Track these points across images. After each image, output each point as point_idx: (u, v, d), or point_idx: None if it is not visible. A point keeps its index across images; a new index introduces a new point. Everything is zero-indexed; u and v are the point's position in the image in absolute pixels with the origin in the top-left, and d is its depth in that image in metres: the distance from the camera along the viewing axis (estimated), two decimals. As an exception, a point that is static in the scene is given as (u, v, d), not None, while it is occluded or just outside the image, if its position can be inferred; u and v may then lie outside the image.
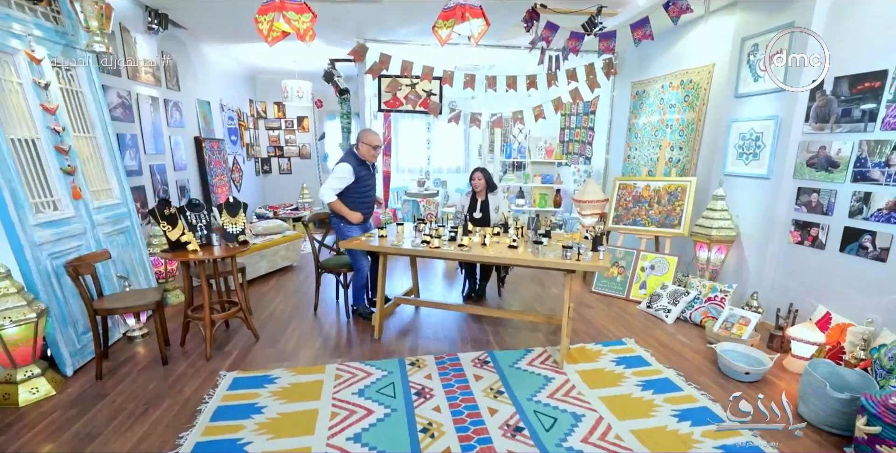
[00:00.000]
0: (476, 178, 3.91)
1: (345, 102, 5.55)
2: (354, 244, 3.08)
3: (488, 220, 3.89)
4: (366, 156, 3.36)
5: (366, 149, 3.34)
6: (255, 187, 7.50)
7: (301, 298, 4.10)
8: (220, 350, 3.04)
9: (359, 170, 3.32)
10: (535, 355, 2.97)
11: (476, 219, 3.94)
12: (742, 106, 3.58)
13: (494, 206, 3.92)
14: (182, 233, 2.85)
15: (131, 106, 3.89)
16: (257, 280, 4.59)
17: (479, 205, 3.96)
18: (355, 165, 3.31)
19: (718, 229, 3.54)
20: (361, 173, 3.34)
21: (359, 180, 3.34)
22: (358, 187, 3.36)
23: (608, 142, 5.85)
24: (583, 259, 2.61)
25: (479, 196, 3.96)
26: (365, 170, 3.39)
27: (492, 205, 3.93)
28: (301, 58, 6.30)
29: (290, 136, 8.02)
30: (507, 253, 2.78)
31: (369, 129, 3.50)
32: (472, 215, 3.96)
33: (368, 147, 3.33)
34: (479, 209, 3.96)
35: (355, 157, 3.35)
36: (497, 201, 3.94)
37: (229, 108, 6.35)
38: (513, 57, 5.75)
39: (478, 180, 3.90)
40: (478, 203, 3.97)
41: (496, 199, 3.94)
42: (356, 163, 3.32)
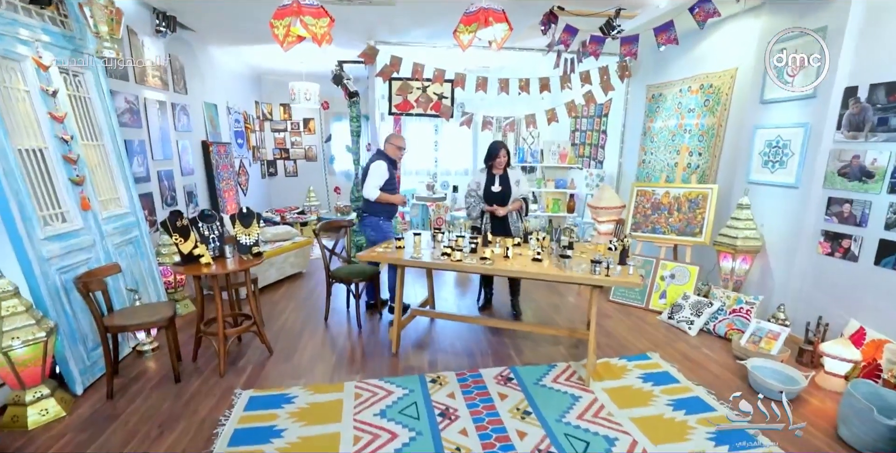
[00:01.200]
0: (502, 155, 3.59)
1: (354, 105, 5.45)
2: (372, 255, 2.98)
3: (509, 194, 3.63)
4: (394, 155, 3.70)
5: (392, 149, 3.69)
6: (261, 190, 7.41)
7: (312, 307, 4.01)
8: (234, 365, 2.95)
9: (390, 168, 3.65)
10: (559, 371, 2.88)
11: (495, 194, 3.65)
12: (768, 112, 3.48)
13: (515, 180, 3.65)
14: (195, 245, 2.75)
15: (139, 111, 3.79)
16: (267, 288, 4.50)
17: (497, 179, 3.66)
18: (388, 163, 3.64)
19: (744, 239, 3.44)
20: (391, 169, 3.67)
21: (390, 177, 3.65)
22: (388, 183, 3.66)
23: (622, 146, 5.75)
24: (611, 273, 2.52)
25: (496, 171, 3.67)
26: (394, 168, 3.72)
27: (512, 178, 3.65)
28: (308, 59, 6.20)
29: (297, 138, 7.92)
30: (532, 267, 2.69)
31: (397, 134, 3.88)
32: (491, 190, 3.67)
33: (394, 147, 3.69)
34: (499, 182, 3.65)
35: (385, 156, 3.68)
36: (517, 175, 3.68)
37: (236, 110, 6.24)
38: (524, 59, 5.65)
39: (503, 157, 3.59)
40: (496, 178, 3.67)
41: (515, 173, 3.69)
42: (388, 161, 3.65)
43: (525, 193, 3.69)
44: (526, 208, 3.71)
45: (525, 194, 3.68)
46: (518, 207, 3.67)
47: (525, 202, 3.68)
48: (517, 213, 3.72)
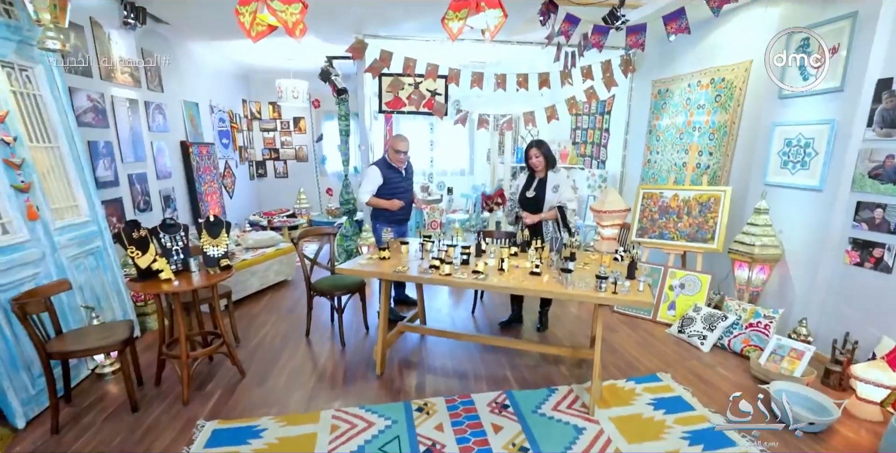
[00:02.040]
0: (533, 156, 3.21)
1: (343, 103, 5.16)
2: (350, 269, 2.68)
3: (542, 201, 3.26)
4: (393, 160, 3.49)
5: (391, 154, 3.48)
6: (249, 192, 7.12)
7: (295, 321, 3.72)
8: (201, 390, 2.67)
9: (386, 172, 3.47)
10: (559, 396, 2.60)
11: (528, 200, 3.31)
12: (788, 108, 3.18)
13: (553, 185, 3.24)
14: (154, 259, 2.47)
15: (105, 110, 3.51)
16: (247, 299, 4.21)
17: (535, 183, 3.30)
18: (383, 167, 3.48)
19: (762, 247, 3.15)
20: (390, 175, 3.48)
21: (387, 182, 3.47)
22: (386, 188, 3.49)
23: (625, 145, 5.46)
24: (619, 290, 2.23)
25: (537, 174, 3.32)
26: (394, 173, 3.52)
27: (549, 183, 3.25)
28: (296, 56, 5.91)
29: (287, 138, 7.63)
30: (529, 282, 2.40)
31: (399, 135, 3.59)
32: (525, 195, 3.33)
33: (392, 150, 3.47)
34: (535, 187, 3.29)
35: (384, 161, 3.53)
36: (558, 180, 3.25)
37: (220, 109, 5.96)
38: (522, 54, 5.35)
39: (535, 159, 3.21)
40: (534, 181, 3.32)
41: (557, 178, 3.27)
42: (384, 165, 3.49)
43: (564, 201, 3.22)
44: (563, 218, 3.21)
45: (563, 202, 3.22)
46: (553, 216, 3.23)
47: (561, 211, 3.21)
48: (554, 224, 3.26)
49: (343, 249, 5.42)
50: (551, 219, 3.28)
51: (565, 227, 3.28)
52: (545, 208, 3.28)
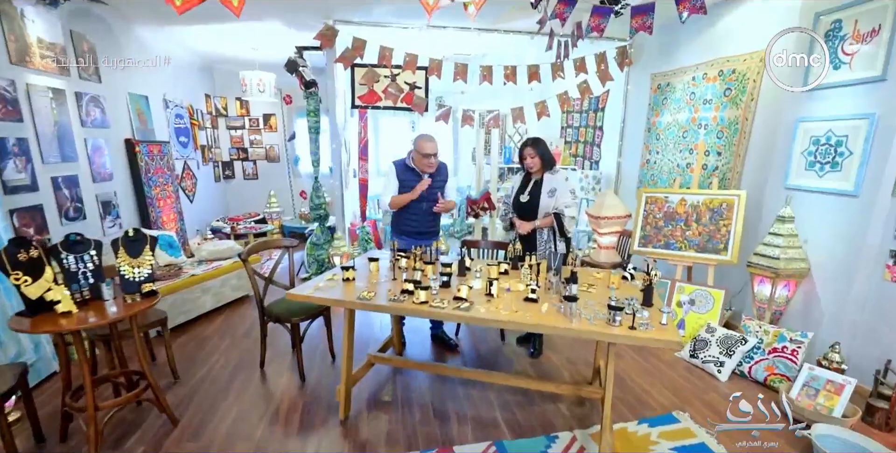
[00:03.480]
0: (528, 156, 2.83)
1: (312, 97, 4.65)
2: (304, 296, 2.17)
3: (536, 207, 2.85)
4: (420, 164, 2.90)
5: (417, 158, 2.89)
6: (214, 196, 6.53)
7: (251, 345, 3.20)
8: (120, 446, 2.14)
9: (402, 173, 2.94)
10: (561, 446, 2.15)
11: (521, 204, 2.92)
12: (815, 101, 2.79)
13: (549, 189, 2.82)
14: (49, 287, 1.94)
15: (17, 100, 2.94)
16: (199, 320, 3.67)
17: (530, 186, 2.92)
18: (400, 168, 2.95)
19: (787, 260, 2.75)
20: (405, 177, 2.94)
21: (402, 184, 2.94)
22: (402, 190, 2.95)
23: (621, 144, 5.06)
24: (638, 324, 1.79)
25: (533, 176, 2.93)
26: (412, 175, 2.94)
27: (546, 186, 2.83)
28: (262, 45, 5.37)
29: (256, 137, 7.06)
30: (525, 311, 1.94)
31: (424, 135, 2.92)
32: (519, 199, 2.94)
33: (418, 154, 2.87)
34: (530, 190, 2.90)
35: (403, 162, 2.97)
36: (555, 183, 2.83)
37: (177, 104, 5.38)
38: (510, 44, 4.90)
39: (530, 159, 2.83)
40: (530, 183, 2.93)
41: (554, 180, 2.85)
42: (402, 167, 2.96)
43: (561, 207, 2.79)
44: (560, 227, 2.82)
45: (560, 208, 2.79)
46: (548, 224, 2.84)
47: (558, 219, 2.81)
48: (550, 233, 2.87)
49: (314, 259, 4.90)
50: (546, 227, 2.86)
51: (562, 237, 2.85)
52: (540, 214, 2.85)
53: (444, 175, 3.04)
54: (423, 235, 3.01)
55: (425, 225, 3.02)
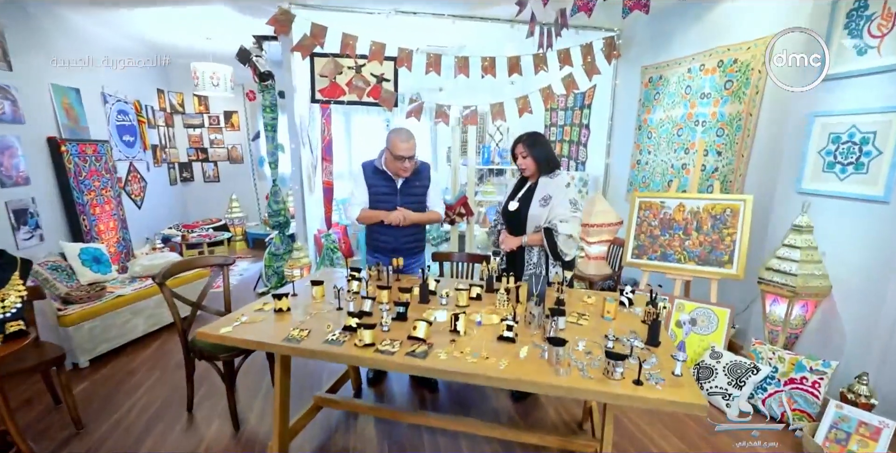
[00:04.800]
0: (519, 155, 2.31)
1: (268, 90, 4.17)
2: (217, 337, 1.70)
3: (525, 217, 2.31)
4: (389, 167, 2.38)
5: (388, 159, 2.36)
6: (169, 200, 5.95)
7: (182, 381, 2.70)
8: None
9: (371, 176, 2.43)
10: (547, 520, 1.72)
11: (509, 214, 2.39)
12: (834, 93, 2.42)
13: (542, 196, 2.27)
14: None
15: None
16: (126, 349, 3.15)
17: (522, 191, 2.39)
18: (369, 170, 2.44)
19: (807, 277, 2.37)
20: (374, 181, 2.43)
21: (371, 191, 2.44)
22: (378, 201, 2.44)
23: (609, 144, 4.68)
24: (647, 377, 1.36)
25: (529, 178, 2.40)
26: (382, 179, 2.42)
27: (538, 193, 2.29)
28: (216, 34, 4.86)
29: (217, 136, 6.51)
30: (500, 358, 1.50)
31: (401, 131, 2.36)
32: (508, 207, 2.41)
33: (390, 155, 2.33)
34: (520, 197, 2.37)
35: (372, 164, 2.45)
36: (550, 189, 2.27)
37: (120, 99, 4.82)
38: (489, 34, 4.48)
39: (522, 159, 2.30)
40: (523, 187, 2.41)
41: (550, 185, 2.28)
42: (370, 167, 2.44)
43: (554, 221, 2.23)
44: (551, 246, 2.25)
45: (553, 222, 2.23)
46: (538, 242, 2.29)
47: (549, 235, 2.24)
48: (540, 253, 2.34)
49: (273, 271, 4.41)
50: (537, 246, 2.32)
51: (556, 260, 2.30)
52: (530, 228, 2.32)
53: (424, 179, 2.50)
54: (399, 253, 2.48)
55: (401, 240, 2.50)
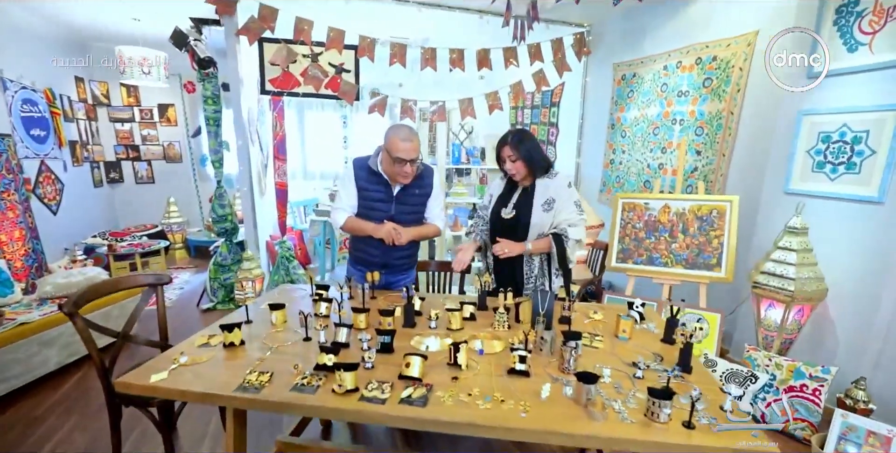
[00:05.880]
0: (507, 159, 1.96)
1: (209, 80, 3.67)
2: (144, 387, 1.30)
3: (526, 226, 1.99)
4: (386, 170, 2.00)
5: (385, 160, 1.97)
6: (93, 205, 5.22)
7: (107, 427, 2.22)
8: None
9: (364, 178, 2.04)
10: None
11: (504, 223, 2.05)
12: (823, 91, 2.35)
13: (544, 200, 1.97)
14: None
15: None
16: (35, 388, 2.60)
17: (516, 195, 2.06)
18: (361, 170, 2.05)
19: (804, 281, 2.28)
20: (367, 184, 2.05)
21: (362, 194, 2.06)
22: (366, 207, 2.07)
23: (580, 143, 4.57)
24: (698, 419, 1.14)
25: (521, 182, 2.07)
26: (376, 183, 2.03)
27: (539, 196, 1.98)
28: (147, 15, 4.28)
29: (150, 131, 5.81)
30: (517, 400, 1.23)
31: (402, 128, 1.94)
32: (501, 215, 2.06)
33: (388, 157, 1.93)
34: (516, 202, 2.04)
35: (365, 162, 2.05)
36: (553, 191, 1.97)
37: (26, 86, 4.12)
38: (457, 26, 4.21)
39: (510, 163, 1.96)
40: (515, 192, 2.07)
41: (552, 187, 1.98)
42: (363, 166, 2.05)
43: (563, 225, 1.95)
44: (560, 254, 1.97)
45: (563, 227, 1.96)
46: (545, 249, 2.00)
47: (559, 242, 1.96)
48: (542, 263, 2.06)
49: (220, 284, 3.91)
50: (537, 255, 2.04)
51: (559, 268, 2.04)
52: (531, 236, 2.00)
53: (426, 186, 2.09)
54: (389, 268, 2.12)
55: (393, 255, 2.10)
